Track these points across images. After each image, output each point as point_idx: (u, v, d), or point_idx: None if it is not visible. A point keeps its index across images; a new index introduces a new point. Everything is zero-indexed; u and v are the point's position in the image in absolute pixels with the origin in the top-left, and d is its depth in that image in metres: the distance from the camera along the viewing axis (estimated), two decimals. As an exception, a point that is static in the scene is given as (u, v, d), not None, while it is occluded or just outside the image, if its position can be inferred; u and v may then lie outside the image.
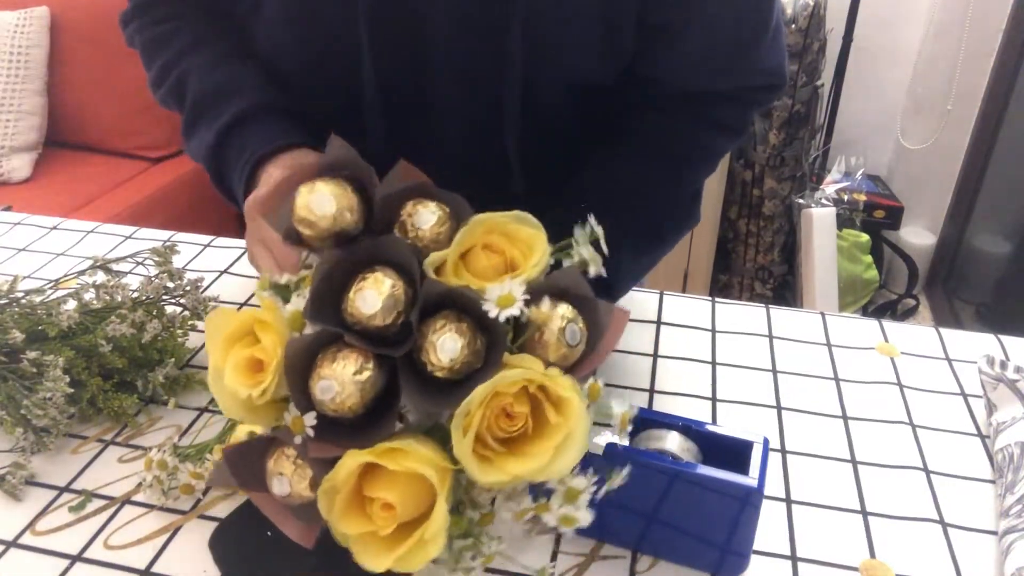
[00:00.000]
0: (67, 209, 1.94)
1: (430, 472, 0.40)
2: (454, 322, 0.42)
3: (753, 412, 0.67)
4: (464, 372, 0.42)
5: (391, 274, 0.42)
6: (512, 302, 0.41)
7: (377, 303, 0.41)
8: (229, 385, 0.43)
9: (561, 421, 0.42)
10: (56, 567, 0.53)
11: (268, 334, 0.43)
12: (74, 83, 2.16)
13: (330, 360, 0.41)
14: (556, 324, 0.43)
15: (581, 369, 0.44)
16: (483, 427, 0.41)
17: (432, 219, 0.45)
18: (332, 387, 0.41)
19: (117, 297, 0.69)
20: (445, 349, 0.41)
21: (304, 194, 0.43)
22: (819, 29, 2.10)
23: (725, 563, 0.52)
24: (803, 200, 2.16)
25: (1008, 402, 0.63)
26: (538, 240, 0.46)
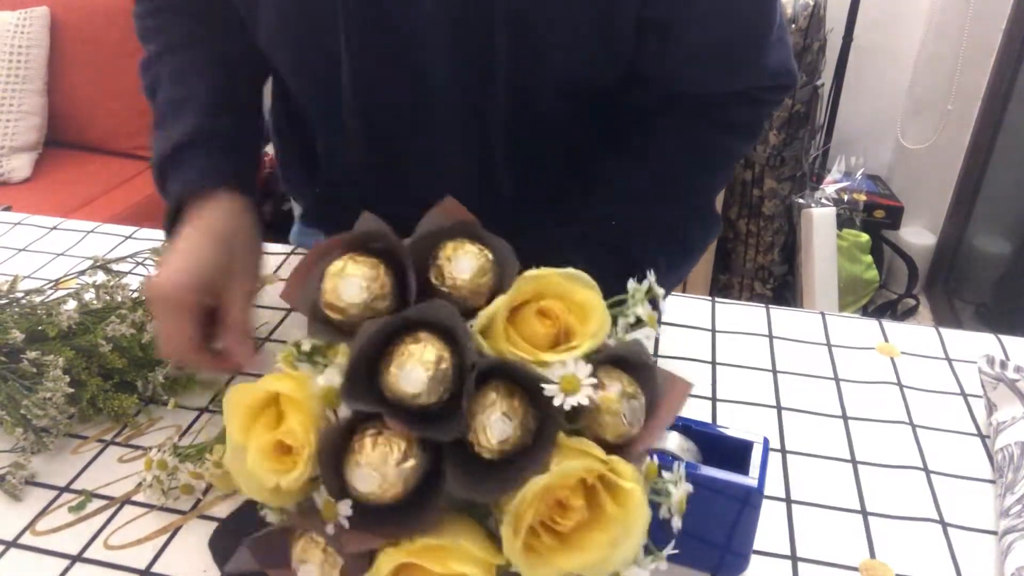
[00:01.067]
0: (67, 209, 1.94)
1: (475, 572, 0.37)
2: (505, 397, 0.38)
3: (753, 412, 0.67)
4: (514, 452, 0.38)
5: (435, 343, 0.38)
6: (578, 387, 0.37)
7: (422, 380, 0.36)
8: (254, 471, 0.39)
9: (620, 513, 0.38)
10: (56, 567, 0.53)
11: (297, 414, 0.39)
12: (74, 83, 2.16)
13: (369, 445, 0.37)
14: (615, 401, 0.39)
15: (637, 445, 0.40)
16: (535, 520, 0.37)
17: (473, 267, 0.40)
18: (373, 478, 0.36)
19: (117, 297, 0.69)
20: (495, 431, 0.37)
21: (333, 278, 0.39)
22: (819, 29, 2.10)
23: (725, 563, 0.52)
24: (803, 200, 2.16)
25: (1008, 402, 0.63)
26: (595, 305, 0.41)
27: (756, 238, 2.30)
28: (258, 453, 0.39)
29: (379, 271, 0.39)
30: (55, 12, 2.12)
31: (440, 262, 0.41)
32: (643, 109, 0.69)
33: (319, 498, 0.38)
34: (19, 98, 2.10)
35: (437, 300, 0.40)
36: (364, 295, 0.39)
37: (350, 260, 0.40)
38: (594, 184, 0.68)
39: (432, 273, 0.41)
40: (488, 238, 0.42)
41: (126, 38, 2.10)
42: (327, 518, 0.37)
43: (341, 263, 0.39)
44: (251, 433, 0.40)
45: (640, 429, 0.40)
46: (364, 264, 0.39)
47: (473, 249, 0.41)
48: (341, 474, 0.37)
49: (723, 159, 0.70)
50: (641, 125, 0.69)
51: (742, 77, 0.66)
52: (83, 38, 2.13)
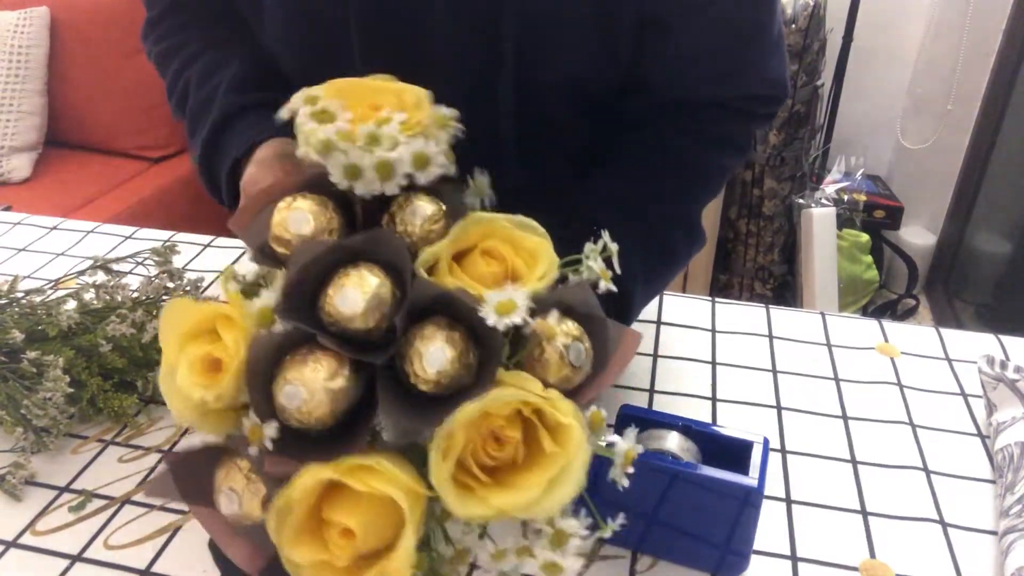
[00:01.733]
0: (67, 209, 1.94)
1: (400, 496, 0.35)
2: (444, 330, 0.37)
3: (753, 412, 0.67)
4: (451, 388, 0.37)
5: (377, 272, 0.38)
6: (513, 309, 0.36)
7: (360, 303, 0.36)
8: (181, 385, 0.38)
9: (558, 451, 0.36)
10: (56, 567, 0.53)
11: (231, 331, 0.38)
12: (74, 83, 2.16)
13: (300, 363, 0.36)
14: (560, 341, 0.38)
15: (584, 394, 0.39)
16: (467, 452, 0.36)
17: (426, 213, 0.40)
18: (300, 393, 0.36)
19: (117, 297, 0.69)
20: (432, 359, 0.36)
21: (281, 210, 0.39)
22: (819, 29, 2.10)
23: (725, 563, 0.52)
24: (803, 200, 2.16)
25: (1008, 402, 0.63)
26: (544, 250, 0.41)
27: (756, 238, 2.30)
28: (188, 368, 0.38)
29: (328, 207, 0.40)
30: (55, 12, 2.12)
31: (393, 209, 0.41)
32: (636, 121, 0.69)
33: (247, 423, 0.37)
34: (19, 98, 2.10)
35: (382, 230, 0.40)
36: (310, 228, 0.39)
37: (300, 196, 0.40)
38: (582, 191, 0.68)
39: (386, 222, 0.41)
40: (439, 189, 0.42)
41: (126, 38, 2.10)
42: (252, 441, 0.36)
43: (291, 198, 0.40)
44: (183, 351, 0.39)
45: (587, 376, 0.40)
46: (314, 200, 0.40)
47: (425, 198, 0.41)
48: (270, 396, 0.37)
49: (711, 174, 0.70)
50: (631, 137, 0.69)
51: (736, 82, 0.66)
52: (83, 38, 2.13)
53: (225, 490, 0.37)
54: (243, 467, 0.37)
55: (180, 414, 0.39)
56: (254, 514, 0.37)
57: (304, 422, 0.36)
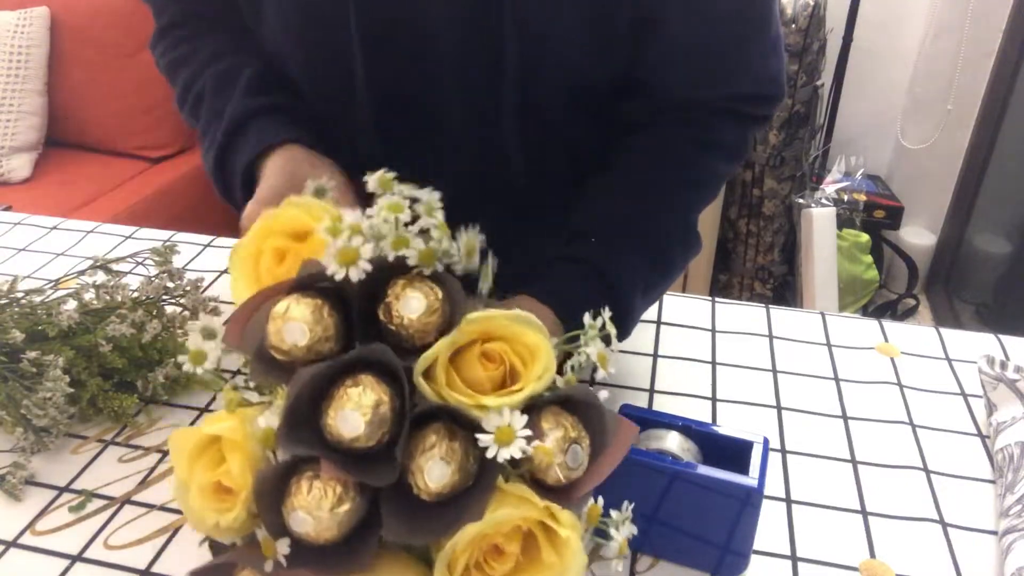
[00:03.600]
0: (67, 209, 1.94)
1: None
2: (445, 439, 0.38)
3: (753, 412, 0.67)
4: (453, 494, 0.38)
5: (375, 387, 0.38)
6: (511, 439, 0.37)
7: (360, 425, 0.37)
8: (194, 508, 0.40)
9: (556, 561, 0.38)
10: (56, 567, 0.53)
11: (236, 456, 0.39)
12: (74, 83, 2.16)
13: (306, 488, 0.37)
14: (557, 447, 0.39)
15: (581, 487, 0.40)
16: (470, 561, 0.37)
17: (421, 307, 0.39)
18: (308, 521, 0.36)
19: (117, 297, 0.69)
20: (433, 475, 0.37)
21: (276, 321, 0.39)
22: (819, 29, 2.10)
23: (725, 563, 0.52)
24: (803, 200, 2.16)
25: (1008, 402, 0.63)
26: (542, 346, 0.41)
27: (756, 238, 2.30)
28: (199, 492, 0.40)
29: (323, 312, 0.39)
30: (55, 12, 2.12)
31: (389, 300, 0.40)
32: (635, 126, 0.69)
33: (260, 534, 0.38)
34: (19, 98, 2.10)
35: (377, 344, 0.39)
36: (306, 339, 0.39)
37: (293, 301, 0.39)
38: (577, 199, 0.67)
39: (381, 311, 0.41)
40: (440, 276, 0.42)
41: (126, 38, 2.10)
42: (267, 555, 0.37)
43: (284, 304, 0.39)
44: (193, 472, 0.41)
45: (583, 472, 0.40)
46: (307, 306, 0.39)
47: (423, 287, 0.40)
48: (279, 513, 0.38)
49: (706, 179, 0.69)
50: (629, 146, 0.68)
51: (733, 81, 0.66)
52: (83, 38, 2.13)
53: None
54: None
55: (198, 529, 0.41)
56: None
57: (314, 543, 0.37)
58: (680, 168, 0.67)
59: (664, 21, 0.62)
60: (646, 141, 0.68)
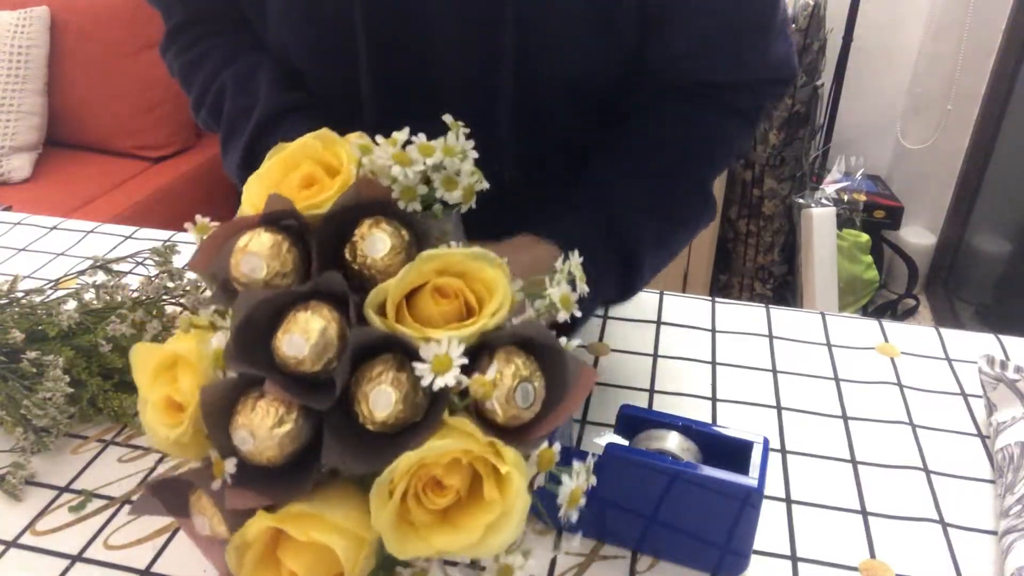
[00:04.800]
0: (67, 209, 1.94)
1: (340, 545, 0.36)
2: (392, 370, 0.37)
3: (753, 412, 0.67)
4: (399, 427, 0.38)
5: (324, 313, 0.38)
6: (448, 367, 0.36)
7: (304, 348, 0.37)
8: (150, 421, 0.41)
9: (497, 498, 0.37)
10: (56, 567, 0.53)
11: (187, 375, 0.40)
12: (74, 83, 2.16)
13: (250, 407, 0.37)
14: (506, 384, 0.38)
15: (535, 431, 0.39)
16: (410, 494, 0.37)
17: (385, 247, 0.40)
18: (248, 439, 0.37)
19: (117, 297, 0.69)
20: (379, 404, 0.37)
21: (237, 254, 0.40)
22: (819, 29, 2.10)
23: (725, 563, 0.52)
24: (803, 200, 2.16)
25: (1008, 402, 0.63)
26: (499, 282, 0.40)
27: (756, 238, 2.30)
28: (153, 408, 0.41)
29: (282, 248, 0.40)
30: (55, 12, 2.12)
31: (355, 239, 0.41)
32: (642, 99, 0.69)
33: (213, 455, 0.38)
34: (19, 98, 2.10)
35: (329, 273, 0.39)
36: (263, 272, 0.39)
37: (255, 235, 0.40)
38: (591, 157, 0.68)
39: (347, 250, 0.41)
40: (407, 217, 0.42)
41: (126, 38, 2.10)
42: (216, 474, 0.38)
43: (247, 238, 0.40)
44: (151, 388, 0.42)
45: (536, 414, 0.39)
46: (268, 241, 0.40)
47: (388, 228, 0.40)
48: (226, 432, 0.38)
49: (721, 141, 0.70)
50: (640, 105, 0.69)
51: (742, 69, 0.67)
52: (83, 38, 2.13)
53: (197, 514, 0.39)
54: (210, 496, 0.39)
55: (156, 443, 0.42)
56: (223, 535, 0.38)
57: (257, 462, 0.38)
58: (694, 128, 0.68)
59: (671, 18, 0.62)
60: (660, 104, 0.68)
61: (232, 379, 0.38)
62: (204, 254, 0.42)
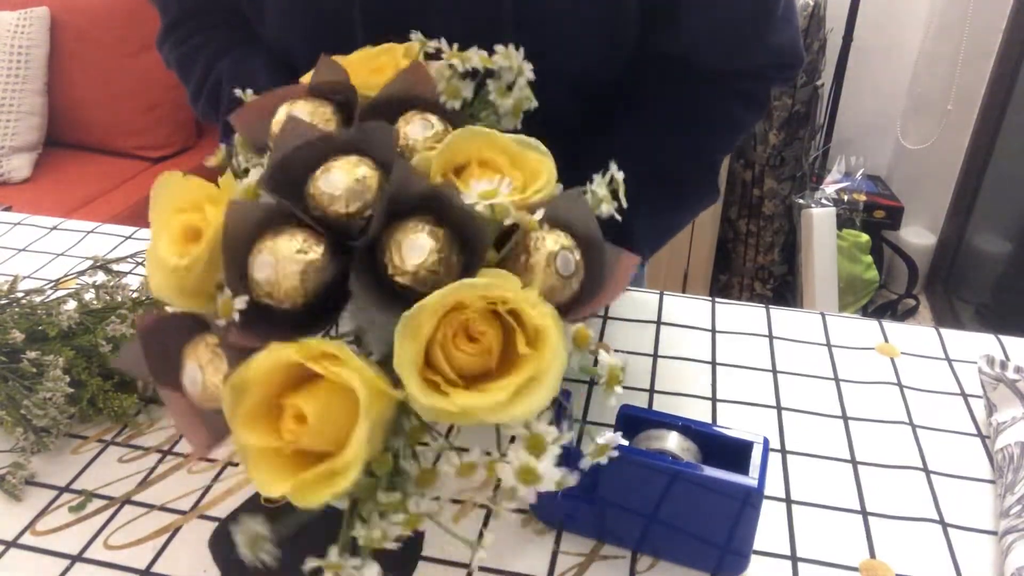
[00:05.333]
0: (67, 209, 1.94)
1: (359, 386, 0.32)
2: (430, 225, 0.35)
3: (753, 412, 0.67)
4: (430, 285, 0.34)
5: (367, 163, 0.36)
6: (495, 195, 0.35)
7: (342, 185, 0.35)
8: (159, 253, 0.37)
9: (531, 354, 0.34)
10: (56, 567, 0.53)
11: (216, 206, 0.37)
12: (74, 83, 2.16)
13: (275, 234, 0.35)
14: (548, 247, 0.36)
15: (573, 314, 0.37)
16: (437, 346, 0.33)
17: (428, 132, 0.39)
18: (269, 264, 0.35)
19: (117, 297, 0.69)
20: (414, 249, 0.34)
21: (280, 112, 0.39)
22: (819, 29, 2.10)
23: (725, 563, 0.52)
24: (803, 200, 2.16)
25: (1008, 402, 0.63)
26: (545, 167, 0.39)
27: (756, 238, 2.30)
28: (168, 237, 0.38)
29: (327, 110, 0.39)
30: (55, 12, 2.12)
31: (399, 124, 0.41)
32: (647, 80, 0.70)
33: (220, 298, 0.36)
34: (19, 98, 2.10)
35: (380, 123, 0.38)
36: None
37: (302, 99, 0.40)
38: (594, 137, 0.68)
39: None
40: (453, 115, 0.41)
41: (126, 38, 2.10)
42: (223, 314, 0.35)
43: (293, 100, 0.40)
44: (170, 220, 0.39)
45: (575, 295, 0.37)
46: (314, 104, 0.39)
47: (434, 118, 0.40)
48: (244, 269, 0.36)
49: (726, 122, 0.70)
50: (645, 90, 0.69)
51: (748, 56, 0.67)
52: (83, 38, 2.13)
53: (190, 365, 0.36)
54: (210, 342, 0.36)
55: (158, 286, 0.38)
56: (215, 393, 0.35)
57: (273, 295, 0.35)
58: (699, 108, 0.68)
59: (676, 14, 0.63)
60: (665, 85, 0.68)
61: (264, 204, 0.36)
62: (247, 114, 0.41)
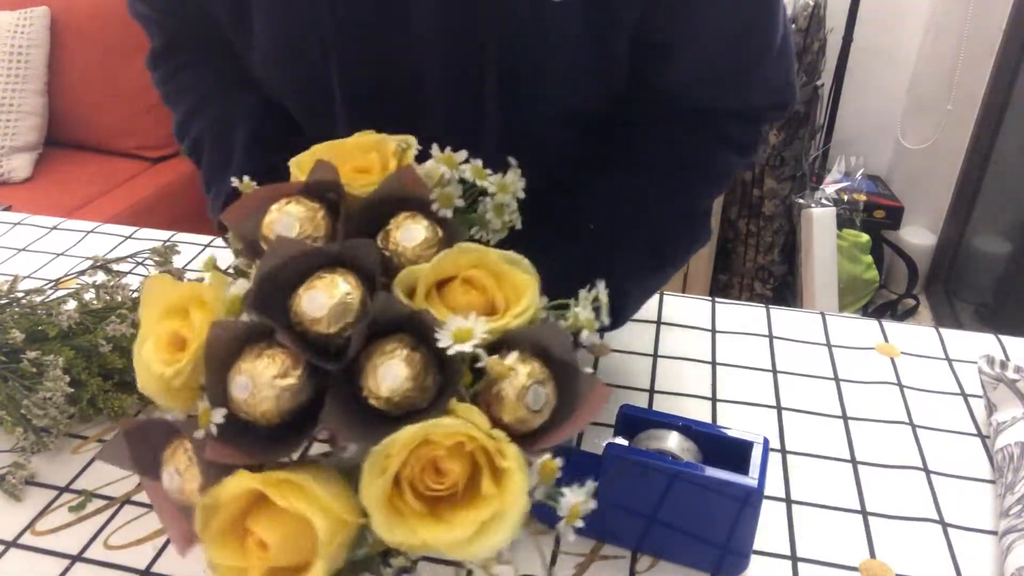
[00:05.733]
0: (67, 209, 1.93)
1: (319, 520, 0.34)
2: (406, 349, 0.36)
3: (753, 412, 0.67)
4: (403, 409, 0.36)
5: (352, 281, 0.37)
6: (468, 337, 0.35)
7: (324, 307, 0.36)
8: (146, 358, 0.39)
9: (494, 495, 0.35)
10: (56, 567, 0.53)
11: (202, 313, 0.39)
12: (74, 83, 2.16)
13: (255, 356, 0.36)
14: (519, 381, 0.37)
15: (539, 442, 0.38)
16: (406, 474, 0.35)
17: (419, 237, 0.40)
18: (247, 386, 0.36)
19: (117, 297, 0.69)
20: (387, 377, 0.36)
21: (272, 212, 0.40)
22: (819, 29, 2.10)
23: (725, 563, 0.52)
24: (803, 200, 2.16)
25: (1008, 402, 0.63)
26: (529, 288, 0.39)
27: (756, 238, 2.30)
28: (155, 342, 0.40)
29: (318, 215, 0.40)
30: (55, 12, 2.12)
31: (390, 228, 0.41)
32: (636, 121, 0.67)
33: (200, 404, 0.37)
34: (19, 98, 2.10)
35: (363, 240, 0.39)
36: (295, 232, 0.39)
37: (294, 200, 0.40)
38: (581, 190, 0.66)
39: (380, 237, 0.41)
40: (447, 220, 0.42)
41: (126, 38, 2.10)
42: (202, 424, 0.36)
43: (285, 201, 0.40)
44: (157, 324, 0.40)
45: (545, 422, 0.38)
46: (305, 206, 0.40)
47: (425, 222, 0.41)
48: (224, 382, 0.37)
49: (717, 171, 0.68)
50: (633, 136, 0.67)
51: (739, 95, 0.65)
52: (83, 38, 2.13)
53: (169, 468, 0.38)
54: (188, 449, 0.37)
55: (143, 386, 0.39)
56: (191, 497, 0.37)
57: (250, 415, 0.36)
58: (685, 156, 0.66)
59: (668, 50, 0.61)
60: (653, 135, 0.67)
61: (246, 323, 0.37)
62: (240, 209, 0.42)
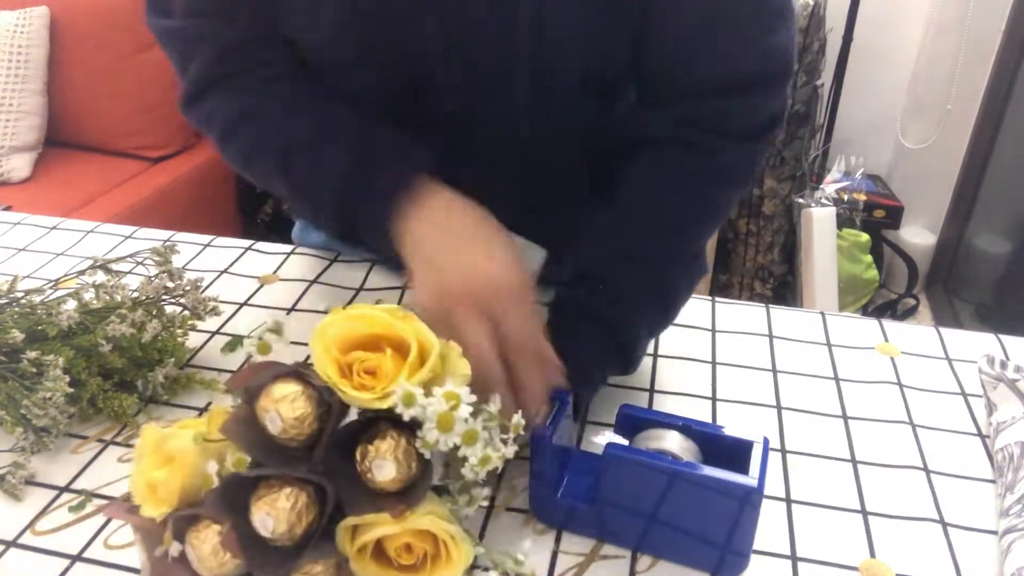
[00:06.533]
0: (67, 209, 1.94)
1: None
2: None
3: (753, 412, 0.67)
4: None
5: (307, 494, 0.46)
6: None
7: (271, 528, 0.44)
8: (138, 498, 0.47)
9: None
10: (56, 567, 0.53)
11: (176, 472, 0.46)
12: (74, 83, 2.16)
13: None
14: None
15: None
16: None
17: (391, 474, 0.46)
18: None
19: (117, 297, 0.69)
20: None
21: (273, 393, 0.46)
22: (819, 29, 2.10)
23: (725, 563, 0.52)
24: (803, 200, 2.16)
25: (1008, 402, 0.63)
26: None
27: (756, 238, 2.30)
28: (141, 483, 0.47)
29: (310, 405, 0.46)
30: (55, 12, 2.12)
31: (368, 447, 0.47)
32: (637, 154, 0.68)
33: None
34: (19, 98, 2.10)
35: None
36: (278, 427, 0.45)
37: (283, 380, 0.46)
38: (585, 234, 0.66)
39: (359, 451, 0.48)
40: (425, 460, 0.47)
41: (126, 38, 2.10)
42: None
43: (293, 396, 0.46)
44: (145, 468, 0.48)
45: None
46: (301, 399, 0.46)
47: (403, 455, 0.46)
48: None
49: (714, 209, 0.68)
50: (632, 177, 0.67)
51: (732, 57, 0.64)
52: (83, 38, 2.13)
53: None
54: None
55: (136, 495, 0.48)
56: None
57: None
58: (688, 200, 0.66)
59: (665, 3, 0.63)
60: (652, 176, 0.67)
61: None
62: (240, 378, 0.48)
